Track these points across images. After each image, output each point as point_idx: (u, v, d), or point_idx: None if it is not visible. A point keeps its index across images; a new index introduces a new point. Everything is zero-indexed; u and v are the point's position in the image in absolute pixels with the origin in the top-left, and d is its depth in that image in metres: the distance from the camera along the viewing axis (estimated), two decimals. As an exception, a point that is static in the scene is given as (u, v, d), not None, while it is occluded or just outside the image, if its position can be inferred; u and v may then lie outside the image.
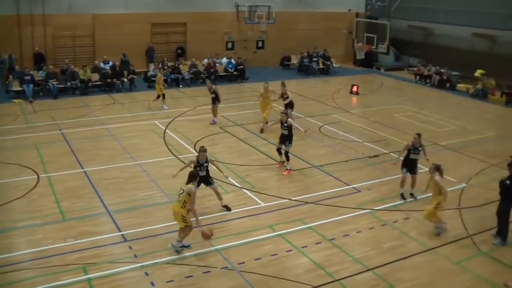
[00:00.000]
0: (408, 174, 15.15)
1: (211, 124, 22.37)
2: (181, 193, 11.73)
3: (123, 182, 16.02)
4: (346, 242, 12.70)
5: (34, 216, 13.58)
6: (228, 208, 14.15)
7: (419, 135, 14.98)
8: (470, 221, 14.03)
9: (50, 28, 29.92)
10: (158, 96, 24.97)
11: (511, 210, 12.77)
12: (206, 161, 13.79)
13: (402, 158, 15.32)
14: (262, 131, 21.33)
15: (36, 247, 12.00)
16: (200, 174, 13.32)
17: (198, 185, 13.01)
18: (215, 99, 22.29)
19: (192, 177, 12.01)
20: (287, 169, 17.14)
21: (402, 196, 15.22)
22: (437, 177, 13.03)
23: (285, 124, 16.90)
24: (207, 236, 11.96)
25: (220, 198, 14.14)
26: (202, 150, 13.83)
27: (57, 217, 13.59)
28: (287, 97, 21.55)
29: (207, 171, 13.89)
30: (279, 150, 17.34)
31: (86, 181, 16.02)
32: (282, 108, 21.43)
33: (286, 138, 17.00)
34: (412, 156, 14.94)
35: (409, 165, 15.04)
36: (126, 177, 16.44)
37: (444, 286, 11.04)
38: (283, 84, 21.87)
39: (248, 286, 10.75)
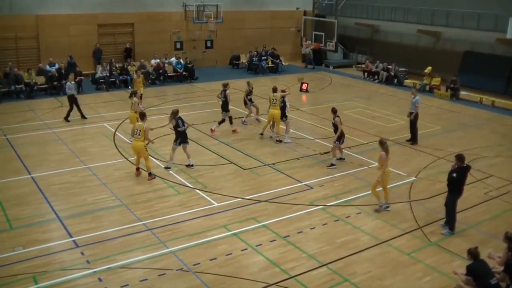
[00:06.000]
0: (179, 146, 17.16)
1: None
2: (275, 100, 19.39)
3: (73, 186, 15.67)
4: (300, 239, 12.80)
5: (-20, 225, 13.12)
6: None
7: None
8: (420, 213, 14.40)
9: (-11, 30, 29.02)
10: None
11: (458, 201, 13.18)
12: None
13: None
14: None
15: (-19, 258, 11.59)
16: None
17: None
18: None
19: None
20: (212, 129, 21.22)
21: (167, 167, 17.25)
22: (382, 153, 13.92)
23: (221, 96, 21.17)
24: None
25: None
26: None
27: (3, 225, 13.15)
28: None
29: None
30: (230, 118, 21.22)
31: (34, 187, 15.58)
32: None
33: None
34: (179, 129, 16.93)
35: (181, 136, 17.12)
36: (76, 181, 16.08)
37: (397, 277, 11.27)
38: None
39: (204, 287, 10.70)
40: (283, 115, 20.39)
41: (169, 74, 32.14)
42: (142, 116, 16.43)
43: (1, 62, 28.82)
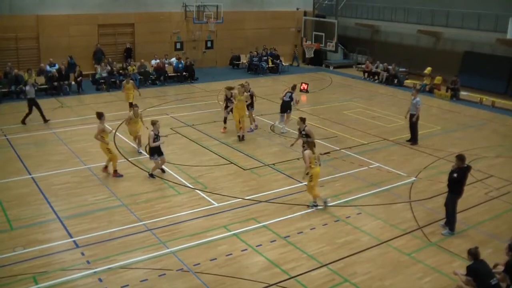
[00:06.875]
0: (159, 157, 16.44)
1: None
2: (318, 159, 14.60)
3: (73, 187, 15.67)
4: (301, 239, 12.79)
5: (-20, 225, 13.12)
6: None
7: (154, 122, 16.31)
8: (420, 213, 14.39)
9: (-11, 30, 29.00)
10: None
11: (458, 201, 13.17)
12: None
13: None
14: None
15: (-19, 258, 11.59)
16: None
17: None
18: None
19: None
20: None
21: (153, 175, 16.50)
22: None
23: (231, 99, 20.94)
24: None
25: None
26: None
27: (4, 226, 13.15)
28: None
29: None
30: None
31: (34, 187, 15.58)
32: None
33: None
34: (155, 143, 15.99)
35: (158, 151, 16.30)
36: (76, 181, 16.08)
37: (397, 277, 11.27)
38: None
39: (204, 287, 10.70)
40: (288, 108, 21.76)
41: (169, 75, 32.14)
42: (98, 115, 16.40)
43: (1, 62, 28.79)
